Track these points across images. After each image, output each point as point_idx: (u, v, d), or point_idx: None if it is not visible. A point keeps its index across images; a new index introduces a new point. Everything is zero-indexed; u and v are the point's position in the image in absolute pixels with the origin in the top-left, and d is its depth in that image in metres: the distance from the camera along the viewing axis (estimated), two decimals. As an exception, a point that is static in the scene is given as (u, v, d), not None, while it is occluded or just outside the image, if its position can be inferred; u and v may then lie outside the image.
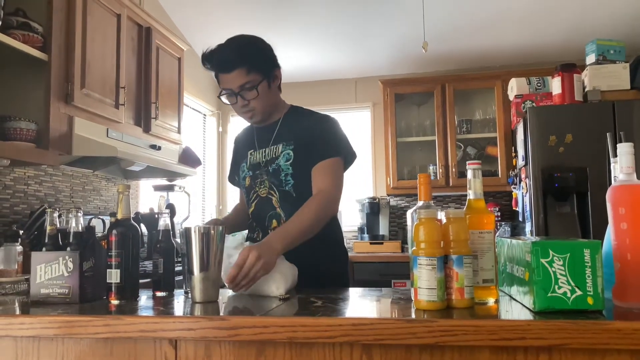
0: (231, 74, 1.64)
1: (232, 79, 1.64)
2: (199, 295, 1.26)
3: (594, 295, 0.97)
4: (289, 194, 1.69)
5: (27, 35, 2.09)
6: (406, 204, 4.49)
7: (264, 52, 1.70)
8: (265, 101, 1.70)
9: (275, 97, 1.76)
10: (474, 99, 4.33)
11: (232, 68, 1.63)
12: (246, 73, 1.63)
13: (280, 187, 1.70)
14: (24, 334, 1.10)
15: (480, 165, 1.18)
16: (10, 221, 2.39)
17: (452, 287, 1.07)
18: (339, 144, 1.72)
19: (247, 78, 1.64)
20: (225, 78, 1.66)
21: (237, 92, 1.66)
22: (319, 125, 1.74)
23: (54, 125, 2.20)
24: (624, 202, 1.04)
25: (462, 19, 3.82)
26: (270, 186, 1.72)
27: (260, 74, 1.66)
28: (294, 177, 1.69)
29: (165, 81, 3.10)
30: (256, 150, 1.79)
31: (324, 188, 1.64)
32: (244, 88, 1.65)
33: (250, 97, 1.66)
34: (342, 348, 1.00)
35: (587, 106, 3.13)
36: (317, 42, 4.18)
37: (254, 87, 1.65)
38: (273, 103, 1.75)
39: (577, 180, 3.03)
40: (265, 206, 1.72)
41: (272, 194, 1.71)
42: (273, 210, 1.71)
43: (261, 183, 1.74)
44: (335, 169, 1.68)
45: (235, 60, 1.63)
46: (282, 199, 1.70)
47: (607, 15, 3.71)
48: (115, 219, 1.33)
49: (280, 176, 1.70)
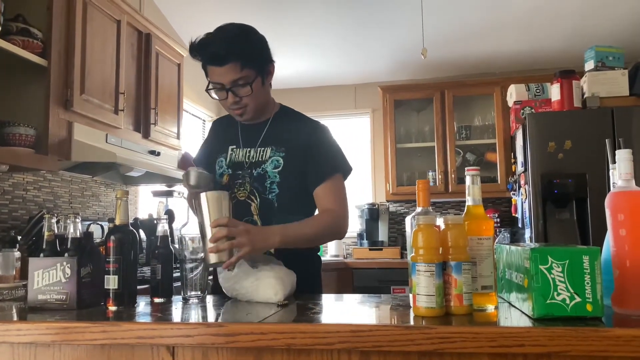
0: (223, 68, 1.51)
1: (223, 73, 1.52)
2: (213, 258, 1.34)
3: (593, 302, 0.96)
4: (270, 203, 1.59)
5: (27, 41, 2.09)
6: (405, 210, 4.49)
7: (259, 45, 1.59)
8: (258, 99, 1.59)
9: (267, 95, 1.66)
10: (473, 105, 4.33)
11: (225, 62, 1.50)
12: (240, 68, 1.51)
13: (263, 194, 1.60)
14: (21, 340, 1.09)
15: (478, 171, 1.18)
16: (8, 227, 2.38)
17: (450, 293, 1.06)
18: (337, 159, 1.66)
19: (241, 74, 1.52)
20: (215, 71, 1.53)
21: (229, 87, 1.53)
22: (314, 136, 1.65)
23: (53, 130, 2.20)
24: (623, 209, 1.04)
25: (461, 25, 3.83)
26: (251, 191, 1.61)
27: (255, 70, 1.54)
28: (279, 187, 1.59)
29: (165, 87, 3.11)
30: (239, 148, 1.67)
31: (333, 208, 1.58)
32: (237, 84, 1.53)
33: (243, 93, 1.55)
34: (340, 355, 0.99)
35: (586, 112, 3.13)
36: (317, 48, 4.19)
37: (247, 83, 1.53)
38: (265, 101, 1.65)
39: (577, 186, 3.03)
40: (242, 211, 1.59)
41: (252, 199, 1.60)
42: (250, 216, 1.60)
43: (241, 185, 1.62)
44: (339, 189, 1.63)
45: (229, 54, 1.50)
46: (262, 207, 1.60)
47: (606, 21, 3.72)
48: (114, 225, 1.32)
49: (265, 182, 1.60)
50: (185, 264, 1.41)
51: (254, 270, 1.38)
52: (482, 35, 3.94)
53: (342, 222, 1.61)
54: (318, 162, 1.62)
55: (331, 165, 1.63)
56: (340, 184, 1.64)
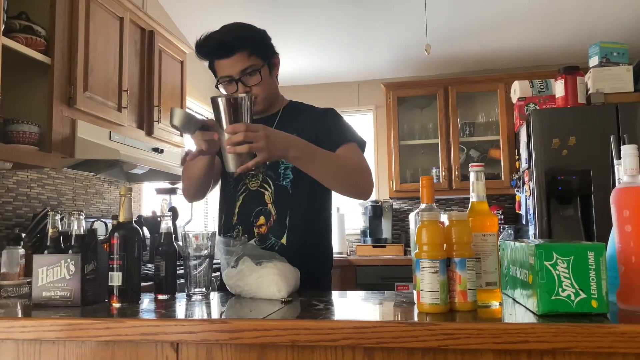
0: (231, 59, 1.54)
1: (232, 64, 1.54)
2: (233, 164, 1.33)
3: (598, 298, 0.96)
4: (285, 189, 1.58)
5: (30, 38, 2.10)
6: (409, 207, 4.48)
7: (263, 35, 1.62)
8: (268, 88, 1.60)
9: (275, 86, 1.66)
10: (476, 102, 4.32)
11: (233, 51, 1.53)
12: (247, 56, 1.53)
13: (277, 181, 1.59)
14: (26, 337, 1.09)
15: (483, 167, 1.18)
16: (12, 224, 2.39)
17: (455, 290, 1.06)
18: (349, 131, 1.63)
19: (249, 62, 1.54)
20: (224, 64, 1.56)
21: (238, 78, 1.55)
22: (324, 117, 1.65)
23: (57, 128, 2.21)
24: (628, 205, 1.03)
25: (464, 21, 3.82)
26: (264, 179, 1.60)
27: (261, 58, 1.57)
28: (294, 171, 1.57)
29: (168, 84, 3.11)
30: None
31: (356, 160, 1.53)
32: (246, 73, 1.55)
33: (252, 82, 1.56)
34: (344, 351, 0.99)
35: (591, 109, 3.12)
36: (320, 45, 4.18)
37: (256, 70, 1.55)
38: (274, 92, 1.65)
39: (581, 182, 3.02)
40: (255, 200, 1.60)
41: (266, 187, 1.59)
42: (263, 205, 1.59)
43: (253, 176, 1.62)
44: (355, 152, 1.56)
45: (235, 43, 1.53)
46: (277, 195, 1.58)
47: (610, 17, 3.70)
48: (117, 222, 1.32)
49: (278, 169, 1.59)
50: (188, 261, 1.41)
51: (257, 267, 1.38)
52: (486, 31, 3.92)
53: (368, 177, 1.53)
54: (330, 134, 1.59)
55: (343, 135, 1.60)
56: (356, 150, 1.58)
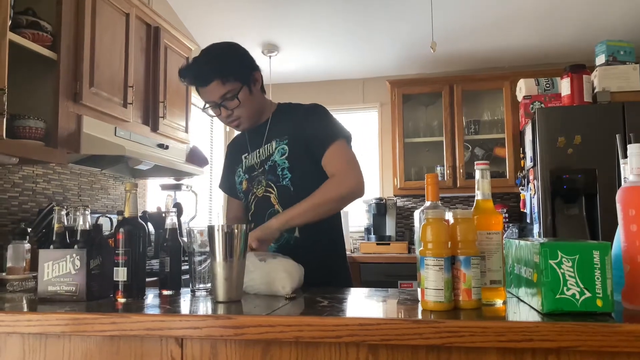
0: (208, 87, 1.64)
1: (210, 92, 1.65)
2: (222, 295, 1.24)
3: (603, 298, 0.96)
4: (286, 188, 1.68)
5: (37, 34, 2.10)
6: (413, 204, 4.48)
7: (238, 59, 1.69)
8: (250, 107, 1.69)
9: (259, 101, 1.74)
10: (482, 100, 4.31)
11: (208, 81, 1.63)
12: (223, 83, 1.62)
13: (278, 183, 1.69)
14: (31, 330, 1.10)
15: (488, 165, 1.17)
16: (18, 219, 2.40)
17: (459, 288, 1.06)
18: (335, 127, 1.71)
19: (225, 88, 1.63)
20: (204, 91, 1.66)
21: (220, 103, 1.65)
22: (310, 115, 1.72)
23: (63, 123, 2.21)
24: (634, 204, 1.03)
25: (470, 19, 3.80)
26: (267, 184, 1.70)
27: (239, 81, 1.65)
28: (290, 171, 1.67)
29: (173, 80, 3.10)
30: (250, 153, 1.78)
31: (335, 172, 1.64)
32: (225, 98, 1.64)
33: (232, 106, 1.66)
34: (348, 348, 0.99)
35: (597, 107, 3.11)
36: (324, 42, 4.18)
37: (234, 96, 1.64)
38: (258, 107, 1.74)
39: (586, 181, 3.01)
40: (264, 204, 1.71)
41: (270, 191, 1.70)
42: (271, 207, 1.69)
43: (258, 183, 1.73)
44: (343, 152, 1.67)
45: (209, 73, 1.62)
46: (280, 195, 1.68)
47: (617, 16, 3.68)
48: (123, 217, 1.33)
49: (277, 171, 1.69)
50: (193, 257, 1.41)
51: (262, 264, 1.38)
52: (492, 29, 3.91)
53: (349, 182, 1.63)
54: (317, 134, 1.68)
55: (330, 133, 1.68)
56: (344, 147, 1.68)
